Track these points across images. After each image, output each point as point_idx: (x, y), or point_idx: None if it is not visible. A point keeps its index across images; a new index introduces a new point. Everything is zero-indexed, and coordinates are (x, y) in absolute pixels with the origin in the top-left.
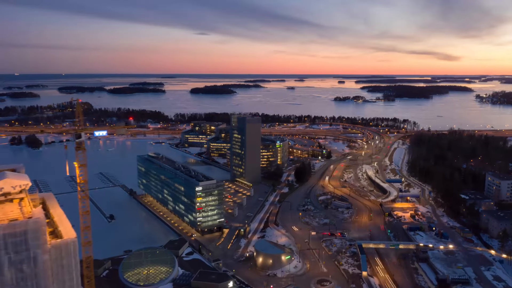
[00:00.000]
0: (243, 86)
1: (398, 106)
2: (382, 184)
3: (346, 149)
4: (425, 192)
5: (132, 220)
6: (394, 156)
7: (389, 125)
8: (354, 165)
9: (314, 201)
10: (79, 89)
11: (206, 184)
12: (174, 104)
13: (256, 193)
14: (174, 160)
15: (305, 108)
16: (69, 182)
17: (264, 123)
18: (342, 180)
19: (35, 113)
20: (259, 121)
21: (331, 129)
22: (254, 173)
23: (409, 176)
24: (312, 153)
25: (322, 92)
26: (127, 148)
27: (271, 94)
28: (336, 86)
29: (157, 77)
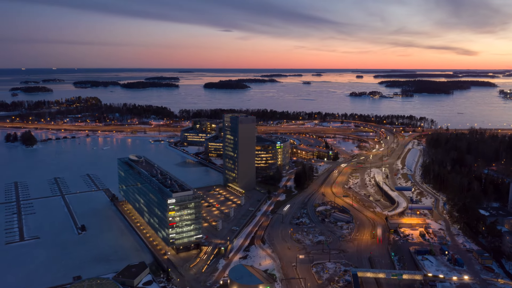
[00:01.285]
0: (259, 81)
1: (417, 102)
2: (391, 193)
3: (356, 150)
4: (439, 204)
5: (105, 232)
6: (407, 159)
7: (404, 123)
8: (362, 169)
9: (311, 213)
10: (93, 83)
11: (181, 196)
12: (185, 99)
13: (248, 201)
14: (154, 164)
15: (319, 104)
16: (51, 185)
17: (271, 121)
18: (346, 187)
19: (42, 108)
20: (253, 120)
21: (342, 127)
22: (248, 178)
23: (422, 182)
24: (318, 154)
25: (338, 87)
26: (124, 147)
27: (285, 89)
28: (354, 81)
29: (175, 72)
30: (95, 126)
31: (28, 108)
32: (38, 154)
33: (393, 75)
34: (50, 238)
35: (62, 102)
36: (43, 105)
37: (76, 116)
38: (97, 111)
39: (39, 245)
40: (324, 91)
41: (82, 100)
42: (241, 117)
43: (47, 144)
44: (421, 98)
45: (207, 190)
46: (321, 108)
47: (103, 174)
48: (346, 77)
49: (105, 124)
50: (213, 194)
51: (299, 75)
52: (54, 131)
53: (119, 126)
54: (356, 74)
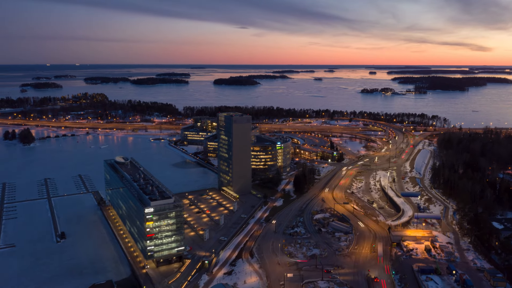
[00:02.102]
0: (269, 77)
1: (430, 99)
2: (396, 199)
3: (362, 150)
4: (448, 212)
5: (85, 240)
6: (416, 160)
7: (415, 121)
8: (368, 171)
9: (307, 221)
10: (103, 79)
11: (160, 205)
12: (192, 95)
13: (242, 206)
14: (140, 166)
15: (328, 100)
16: (40, 187)
17: (276, 118)
18: (349, 192)
19: (48, 104)
20: (248, 120)
21: (350, 125)
22: (243, 182)
23: (431, 187)
24: (322, 155)
25: (350, 84)
26: (122, 146)
27: (295, 86)
28: (366, 77)
29: (187, 68)
30: (96, 123)
31: (33, 105)
32: (33, 153)
33: (407, 71)
34: (27, 247)
35: (68, 99)
36: (49, 102)
37: (79, 113)
38: (100, 108)
39: (13, 254)
40: (335, 87)
41: (89, 97)
42: (235, 117)
43: (45, 142)
44: (434, 95)
45: (200, 194)
46: (330, 105)
47: (95, 175)
48: (359, 73)
49: (107, 121)
50: (205, 198)
51: (311, 71)
52: (54, 129)
53: (120, 124)
54: (369, 70)
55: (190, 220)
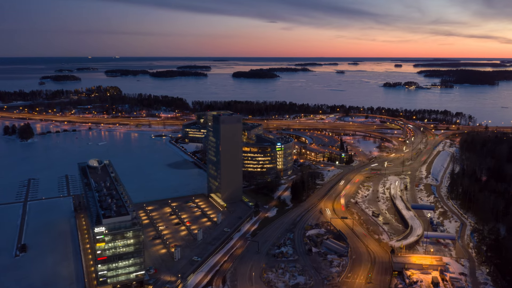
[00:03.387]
0: (290, 70)
1: (456, 93)
2: (405, 212)
3: (375, 151)
4: (465, 231)
5: (47, 254)
6: (434, 164)
7: (437, 118)
8: (378, 176)
9: (298, 238)
10: (123, 72)
11: (114, 223)
12: (208, 89)
13: (228, 218)
14: (111, 172)
15: (347, 95)
16: (21, 188)
17: (287, 114)
18: (353, 201)
19: (60, 97)
20: (238, 120)
21: (366, 122)
22: (232, 189)
23: (448, 198)
24: (329, 156)
25: (373, 77)
26: (121, 142)
27: (316, 79)
28: (391, 70)
29: (209, 61)
30: (100, 118)
31: (45, 98)
32: (28, 149)
33: (434, 64)
34: None
35: (82, 92)
36: (61, 95)
37: (85, 107)
38: (108, 102)
39: None
40: (356, 81)
41: (102, 90)
42: (223, 116)
43: (44, 137)
44: (462, 90)
45: (185, 201)
46: (348, 100)
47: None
48: (384, 66)
49: (112, 116)
50: (190, 207)
51: (334, 64)
52: (57, 123)
53: (125, 119)
54: (395, 63)
55: (166, 234)
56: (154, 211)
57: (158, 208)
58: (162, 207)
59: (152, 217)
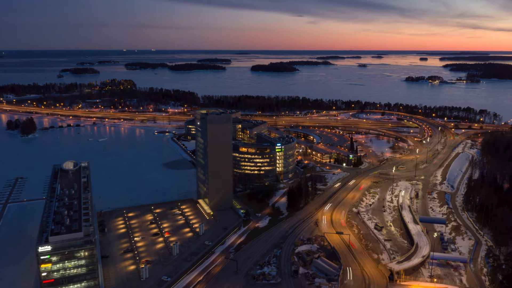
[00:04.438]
0: (311, 63)
1: (483, 89)
2: (412, 226)
3: (388, 152)
4: (479, 251)
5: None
6: (451, 168)
7: (459, 116)
8: (387, 181)
9: (286, 255)
10: (142, 65)
11: (62, 241)
12: (224, 82)
13: (212, 228)
14: (84, 176)
15: (367, 89)
16: (6, 188)
17: (298, 111)
18: (355, 211)
19: (73, 91)
20: (228, 120)
21: (381, 119)
22: (221, 195)
23: (464, 209)
24: (336, 157)
25: (396, 71)
26: (123, 139)
27: (336, 73)
28: (416, 64)
29: (231, 54)
30: (106, 113)
31: (58, 91)
32: (27, 145)
33: (461, 58)
34: None
35: (95, 85)
36: (75, 88)
37: (94, 102)
38: (117, 96)
39: None
40: (378, 74)
41: (116, 83)
42: (210, 115)
43: (46, 133)
44: (489, 84)
45: (170, 208)
46: (367, 95)
47: None
48: (409, 59)
49: (119, 110)
50: (174, 214)
51: (357, 57)
52: (63, 118)
53: (131, 114)
54: (421, 56)
55: (140, 246)
56: (135, 218)
57: (140, 214)
58: (144, 213)
59: (130, 225)
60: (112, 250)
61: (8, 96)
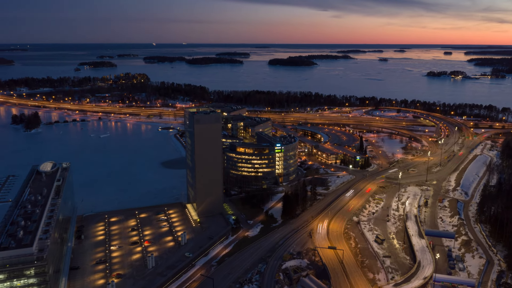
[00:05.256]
0: (331, 57)
1: (508, 85)
2: (416, 241)
3: (399, 153)
4: (490, 273)
5: None
6: (467, 172)
7: (480, 114)
8: (394, 186)
9: (270, 272)
10: (160, 59)
11: (8, 258)
12: (239, 77)
13: (197, 237)
14: (59, 179)
15: (385, 85)
16: None
17: (309, 107)
18: (355, 220)
19: (87, 84)
20: (217, 119)
21: (397, 117)
22: (210, 200)
23: (477, 221)
24: (343, 158)
25: (417, 65)
26: (125, 135)
27: (355, 67)
28: (439, 58)
29: (251, 47)
30: (113, 107)
31: (72, 85)
32: (28, 140)
33: (487, 52)
34: None
35: (109, 79)
36: (88, 82)
37: (103, 96)
38: (126, 90)
39: None
40: (399, 69)
41: (130, 77)
42: (198, 114)
43: (50, 128)
44: None
45: (156, 212)
46: (385, 91)
47: None
48: (432, 53)
49: (127, 105)
50: (158, 220)
51: (379, 51)
52: (69, 112)
53: (138, 109)
54: (445, 50)
55: (116, 257)
56: (116, 223)
57: (123, 220)
58: (128, 218)
59: (110, 232)
60: (84, 260)
61: (21, 89)
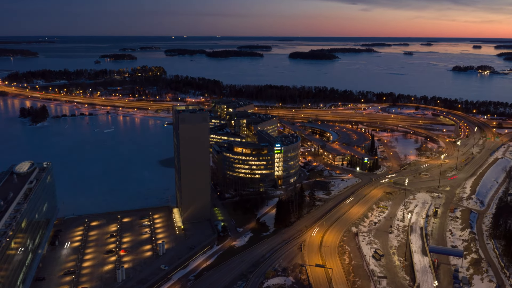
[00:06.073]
0: (354, 50)
1: None
2: (418, 258)
3: (412, 155)
4: None
5: None
6: (485, 178)
7: (505, 113)
8: (403, 192)
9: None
10: (180, 51)
11: None
12: (256, 70)
13: (178, 246)
14: (31, 180)
15: (407, 80)
16: None
17: (322, 103)
18: (354, 230)
19: (103, 77)
20: (204, 119)
21: (415, 114)
22: (196, 205)
23: (490, 236)
24: (350, 160)
25: (443, 59)
26: (129, 130)
27: (378, 61)
28: (468, 52)
29: (274, 40)
30: (123, 101)
31: (87, 77)
32: (31, 135)
33: None
34: None
35: (125, 72)
36: (105, 75)
37: (115, 89)
38: (138, 84)
39: None
40: (423, 63)
41: (146, 70)
42: (183, 114)
43: (57, 121)
44: None
45: (140, 217)
46: (406, 87)
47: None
48: (461, 47)
49: (137, 99)
50: (141, 225)
51: (405, 44)
52: (79, 106)
53: (147, 103)
54: (474, 44)
55: (86, 267)
56: (96, 228)
57: (104, 224)
58: (110, 223)
59: (87, 238)
60: (52, 270)
61: (38, 81)
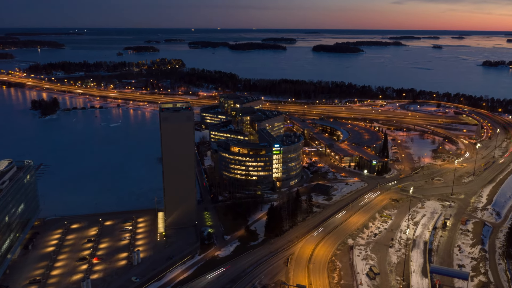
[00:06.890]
0: (380, 43)
1: None
2: (416, 280)
3: (427, 157)
4: None
5: None
6: (504, 186)
7: None
8: (411, 199)
9: None
10: (204, 44)
11: None
12: (276, 64)
13: (157, 254)
14: (3, 183)
15: (433, 75)
16: None
17: (337, 99)
18: (351, 242)
19: (122, 69)
20: (189, 118)
21: (436, 112)
22: (181, 210)
23: (503, 255)
24: (358, 162)
25: (474, 53)
26: (136, 124)
27: (405, 54)
28: (501, 46)
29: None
30: (134, 94)
31: (106, 70)
32: (39, 127)
33: None
34: None
35: (144, 64)
36: (124, 67)
37: (129, 82)
38: (153, 77)
39: None
40: (452, 57)
41: (166, 62)
42: (165, 113)
43: (66, 114)
44: None
45: (123, 220)
46: (430, 82)
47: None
48: (494, 40)
49: (149, 92)
50: (122, 230)
51: (435, 37)
52: (91, 98)
53: (158, 96)
54: (508, 37)
55: (55, 276)
56: (75, 232)
57: (85, 227)
58: (91, 226)
59: (63, 242)
60: (18, 278)
61: (58, 73)
